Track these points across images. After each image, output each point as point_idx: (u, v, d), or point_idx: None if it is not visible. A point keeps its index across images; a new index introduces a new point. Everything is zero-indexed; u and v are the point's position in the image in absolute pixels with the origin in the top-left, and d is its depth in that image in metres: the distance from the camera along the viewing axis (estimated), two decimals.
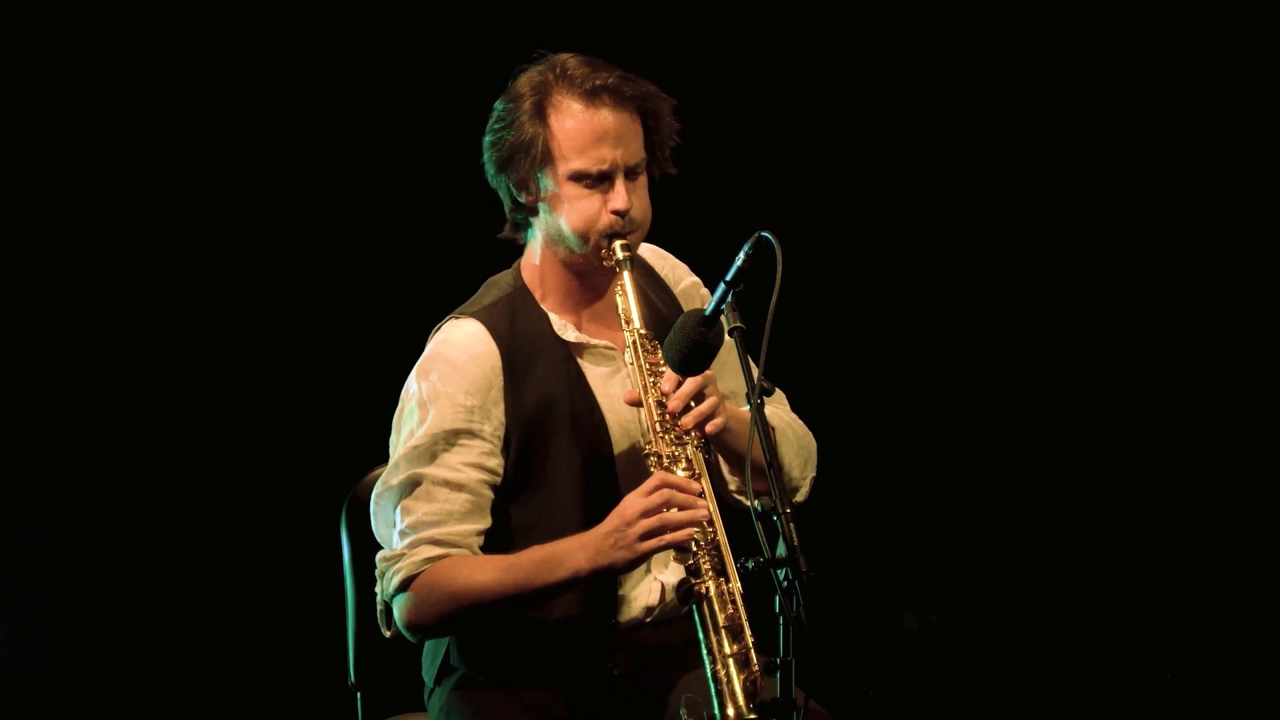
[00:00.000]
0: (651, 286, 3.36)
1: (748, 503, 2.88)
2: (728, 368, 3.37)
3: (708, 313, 3.04)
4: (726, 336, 3.04)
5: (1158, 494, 5.18)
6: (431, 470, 3.16)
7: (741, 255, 2.98)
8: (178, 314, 4.80)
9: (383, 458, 3.31)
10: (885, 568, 5.23)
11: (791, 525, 2.80)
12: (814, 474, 3.37)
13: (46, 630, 4.75)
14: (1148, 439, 5.20)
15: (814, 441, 3.37)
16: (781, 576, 2.78)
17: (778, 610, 2.79)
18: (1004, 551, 5.22)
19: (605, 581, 3.16)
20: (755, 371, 2.91)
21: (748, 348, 2.98)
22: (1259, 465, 5.14)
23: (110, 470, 4.77)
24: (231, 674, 4.83)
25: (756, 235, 2.96)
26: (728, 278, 3.00)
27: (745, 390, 2.93)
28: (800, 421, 3.37)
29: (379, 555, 3.21)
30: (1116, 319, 5.21)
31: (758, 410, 2.90)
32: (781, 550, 2.80)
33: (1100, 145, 5.16)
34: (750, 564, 2.84)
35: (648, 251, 3.39)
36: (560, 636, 3.22)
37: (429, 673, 3.35)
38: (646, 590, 3.27)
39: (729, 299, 3.01)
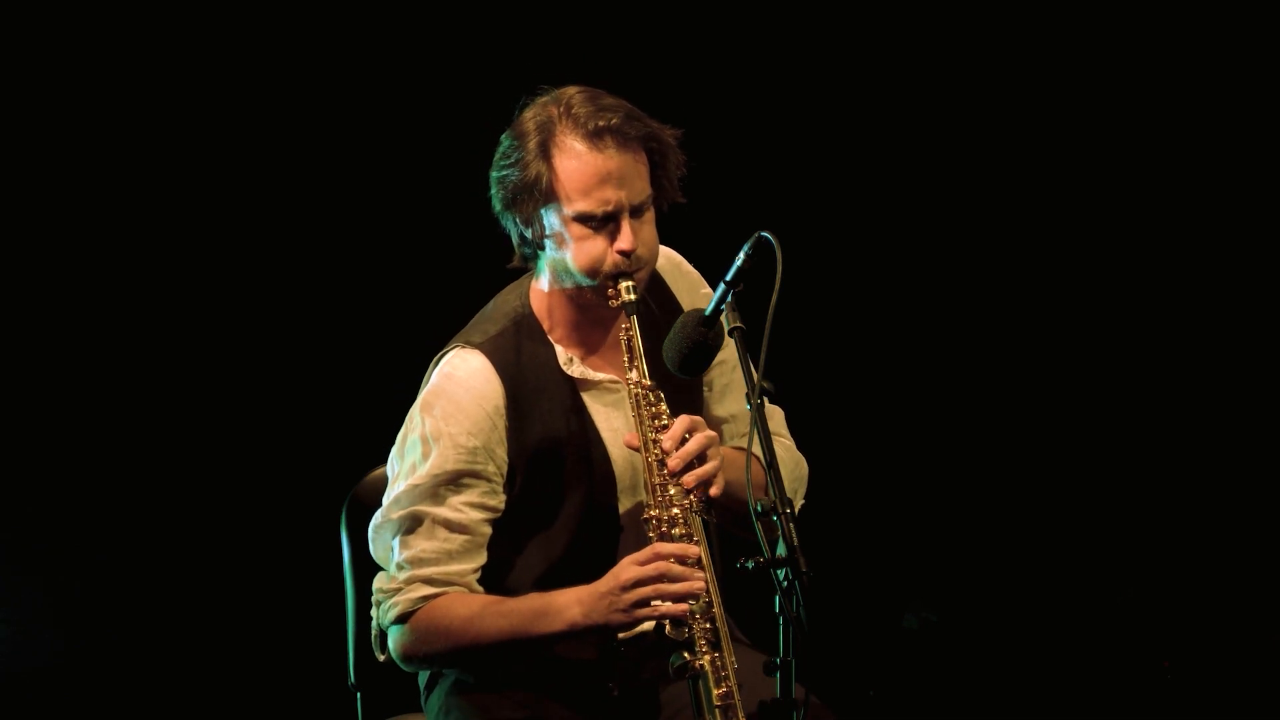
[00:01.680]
0: (661, 305, 3.34)
1: (751, 534, 2.89)
2: (731, 388, 3.36)
3: (708, 313, 3.04)
4: (727, 339, 3.04)
5: (1157, 494, 5.18)
6: (433, 509, 3.17)
7: (741, 255, 2.98)
8: (179, 315, 4.80)
9: (383, 458, 3.31)
10: (885, 568, 5.23)
11: (791, 525, 2.80)
12: (803, 501, 3.36)
13: (46, 630, 4.75)
14: (1147, 439, 5.20)
15: (806, 469, 3.37)
16: (781, 576, 2.78)
17: (778, 610, 2.79)
18: (1004, 551, 5.22)
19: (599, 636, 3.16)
20: (756, 373, 2.91)
21: (748, 348, 2.97)
22: (1259, 465, 5.14)
23: (111, 470, 4.77)
24: (231, 674, 4.83)
25: (756, 235, 2.96)
26: (728, 278, 2.99)
27: (746, 392, 2.93)
28: (794, 447, 3.36)
29: (375, 584, 3.23)
30: (1116, 319, 5.21)
31: (757, 410, 2.89)
32: (781, 550, 2.80)
33: (1100, 145, 5.16)
34: (750, 564, 2.84)
35: (663, 260, 3.36)
36: (557, 650, 3.23)
37: (422, 678, 3.36)
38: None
39: (729, 299, 3.00)
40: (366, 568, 3.31)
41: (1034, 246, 5.20)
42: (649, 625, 3.22)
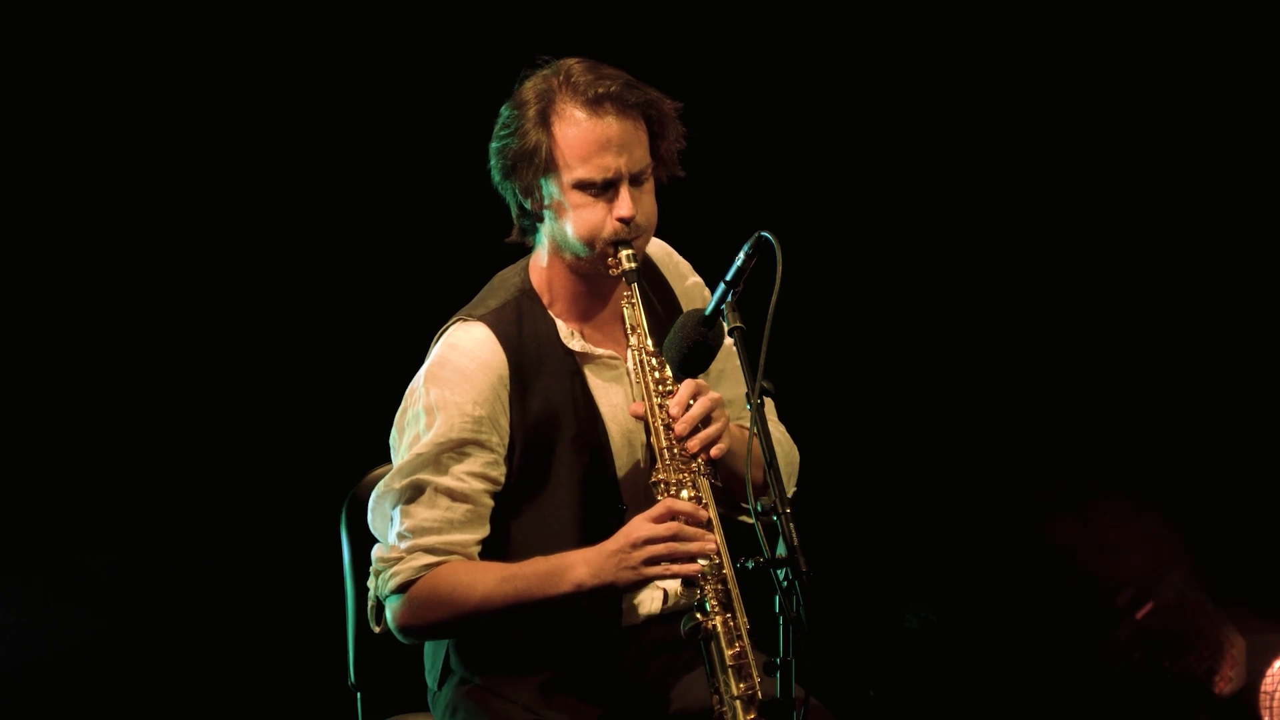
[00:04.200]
0: (655, 288, 3.35)
1: (749, 518, 2.89)
2: (726, 374, 3.36)
3: (707, 312, 3.04)
4: (726, 338, 3.04)
5: (1156, 494, 5.18)
6: (436, 478, 3.16)
7: (741, 255, 2.99)
8: (179, 314, 4.80)
9: (383, 458, 3.31)
10: (885, 568, 5.23)
11: (791, 525, 2.81)
12: (795, 488, 3.37)
13: (46, 628, 4.75)
14: (1146, 438, 5.20)
15: (798, 456, 3.38)
16: (781, 576, 2.79)
17: (778, 610, 2.79)
18: (1004, 551, 5.22)
19: (606, 597, 3.16)
20: (756, 374, 2.92)
21: (747, 348, 2.98)
22: (1260, 464, 5.14)
23: (112, 469, 4.77)
24: (232, 674, 4.83)
25: (756, 235, 2.97)
26: (728, 277, 3.00)
27: (745, 392, 2.93)
28: (786, 434, 3.37)
29: (375, 553, 3.21)
30: (1115, 319, 5.21)
31: (758, 410, 2.90)
32: (781, 550, 2.80)
33: (1100, 145, 5.16)
34: (750, 564, 2.84)
35: (654, 246, 3.38)
36: (562, 635, 3.23)
37: (431, 675, 3.36)
38: (649, 597, 3.28)
39: (729, 299, 3.01)
40: (367, 568, 3.31)
41: (1034, 246, 5.20)
42: (655, 605, 3.24)
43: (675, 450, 3.12)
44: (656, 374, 3.17)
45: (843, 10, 5.10)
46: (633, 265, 3.16)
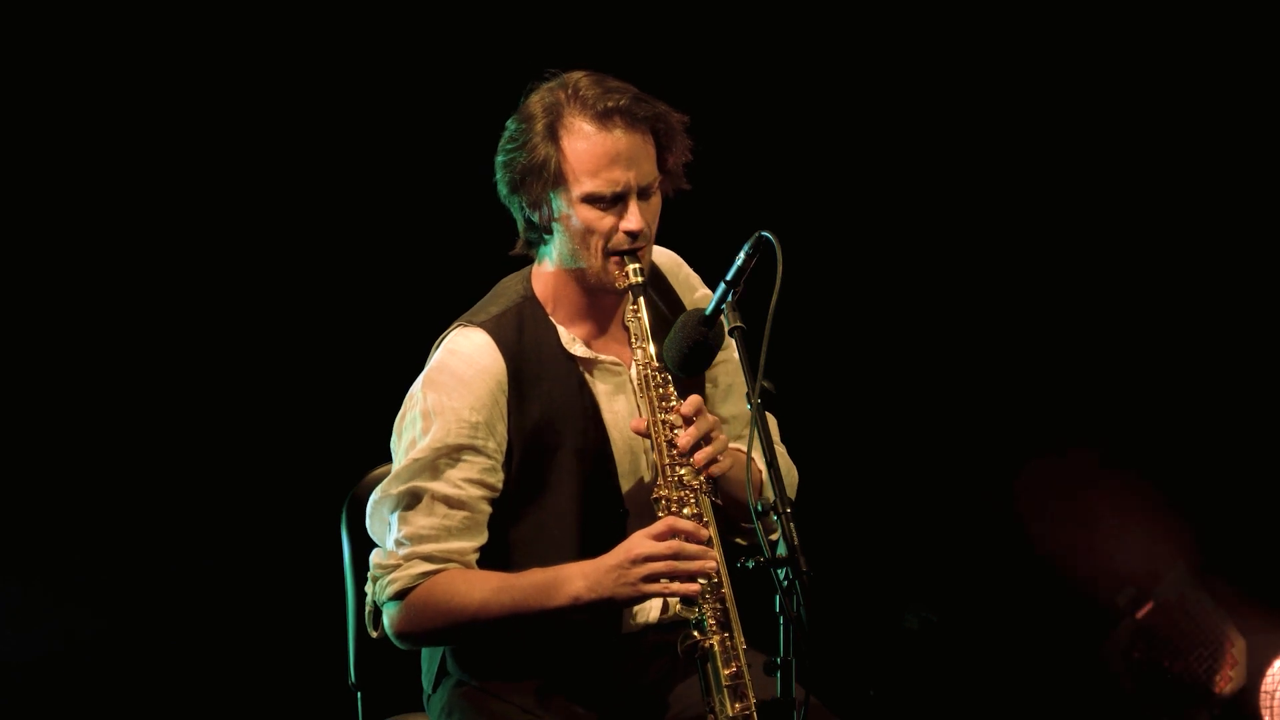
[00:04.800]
0: (663, 298, 3.35)
1: (744, 539, 2.89)
2: (734, 390, 3.37)
3: (708, 312, 3.04)
4: (728, 340, 3.04)
5: (1158, 493, 5.18)
6: (432, 485, 3.16)
7: (742, 255, 2.99)
8: (181, 314, 4.80)
9: (383, 458, 3.31)
10: (885, 568, 5.23)
11: (791, 525, 2.81)
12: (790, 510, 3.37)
13: (46, 628, 4.75)
14: (1148, 439, 5.20)
15: (797, 476, 3.38)
16: (781, 576, 2.79)
17: (778, 610, 2.79)
18: (1004, 551, 5.22)
19: (603, 611, 3.16)
20: (756, 373, 2.92)
21: (748, 347, 2.98)
22: (1259, 464, 5.14)
23: (113, 469, 4.77)
24: (232, 674, 4.83)
25: (756, 235, 2.97)
26: (728, 277, 3.00)
27: (746, 392, 2.93)
28: (786, 455, 3.37)
29: (373, 559, 3.22)
30: (1114, 318, 5.21)
31: (757, 410, 2.90)
32: (781, 550, 2.80)
33: (1100, 145, 5.16)
34: (750, 564, 2.84)
35: (663, 256, 3.38)
36: (559, 641, 3.23)
37: (427, 677, 3.36)
38: (648, 606, 3.28)
39: (729, 298, 3.01)
40: (366, 569, 3.31)
41: (1033, 246, 5.21)
42: (653, 614, 3.24)
43: (678, 466, 3.13)
44: (661, 390, 3.17)
45: (842, 12, 5.10)
46: (639, 280, 3.16)
